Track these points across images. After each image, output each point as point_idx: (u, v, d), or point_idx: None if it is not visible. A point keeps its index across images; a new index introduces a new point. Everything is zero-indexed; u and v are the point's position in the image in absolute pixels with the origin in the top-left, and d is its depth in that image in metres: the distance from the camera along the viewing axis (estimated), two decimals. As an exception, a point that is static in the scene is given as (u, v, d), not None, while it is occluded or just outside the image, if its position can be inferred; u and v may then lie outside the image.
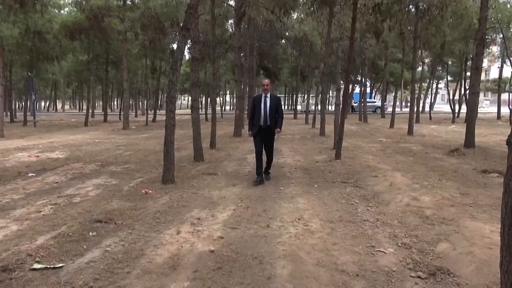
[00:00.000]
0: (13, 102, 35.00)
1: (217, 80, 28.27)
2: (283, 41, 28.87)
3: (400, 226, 4.57)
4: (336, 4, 15.02)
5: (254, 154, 7.03)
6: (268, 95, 6.89)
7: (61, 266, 3.50)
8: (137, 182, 7.21)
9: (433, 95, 41.79)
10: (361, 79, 31.87)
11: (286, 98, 62.23)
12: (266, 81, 6.97)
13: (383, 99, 36.35)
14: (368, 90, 55.39)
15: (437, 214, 4.87)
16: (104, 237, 4.25)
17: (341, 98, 11.41)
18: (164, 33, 20.23)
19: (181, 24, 7.47)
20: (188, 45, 10.71)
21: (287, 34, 25.01)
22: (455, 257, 3.64)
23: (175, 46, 25.77)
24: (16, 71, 32.57)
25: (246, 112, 16.81)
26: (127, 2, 19.34)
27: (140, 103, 55.91)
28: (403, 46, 20.72)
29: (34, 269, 3.45)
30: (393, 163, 8.85)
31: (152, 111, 32.01)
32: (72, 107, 79.32)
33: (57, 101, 74.20)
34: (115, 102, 71.10)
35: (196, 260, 3.59)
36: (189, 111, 33.91)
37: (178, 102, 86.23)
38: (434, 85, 42.85)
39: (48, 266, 3.50)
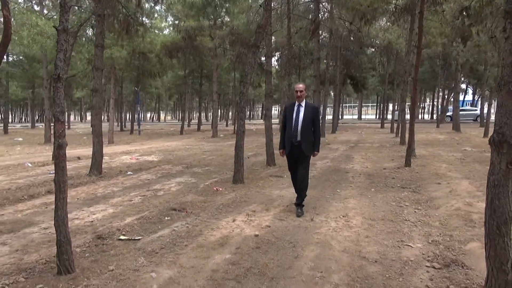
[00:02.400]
0: (123, 113, 39.80)
1: (292, 91, 28.89)
2: (369, 49, 28.52)
3: (439, 227, 4.77)
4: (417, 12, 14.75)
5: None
6: (303, 104, 5.46)
7: (139, 239, 4.51)
8: (212, 181, 8.23)
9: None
10: (454, 86, 29.86)
11: (378, 107, 60.34)
12: (300, 86, 5.46)
13: (482, 106, 33.41)
14: (470, 97, 51.31)
15: (483, 219, 4.92)
16: (175, 221, 5.22)
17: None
18: (249, 48, 21.61)
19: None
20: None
21: (371, 42, 24.74)
22: (479, 254, 3.81)
23: (263, 59, 27.28)
24: (127, 86, 37.10)
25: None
26: (217, 21, 21.16)
27: (230, 113, 59.00)
28: (498, 50, 19.18)
29: (120, 239, 4.51)
30: (465, 172, 8.62)
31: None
32: (173, 117, 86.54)
33: (161, 112, 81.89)
34: (210, 113, 75.89)
35: (241, 241, 4.33)
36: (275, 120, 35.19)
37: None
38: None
39: (130, 238, 4.54)
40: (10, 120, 54.49)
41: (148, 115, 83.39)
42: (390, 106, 40.93)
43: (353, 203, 6.06)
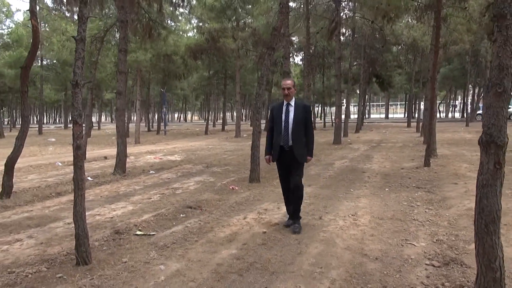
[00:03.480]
0: (150, 114, 40.82)
1: (312, 91, 29.08)
2: (394, 47, 28.09)
3: (447, 227, 4.79)
4: (443, 9, 14.48)
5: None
6: (292, 103, 4.73)
7: (153, 234, 4.78)
8: (229, 180, 8.46)
9: None
10: (485, 83, 28.95)
11: (406, 105, 59.15)
12: (288, 82, 4.74)
13: (517, 104, 32.21)
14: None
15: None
16: (189, 218, 5.47)
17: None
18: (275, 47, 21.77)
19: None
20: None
21: (396, 40, 24.37)
22: (482, 253, 3.85)
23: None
24: (153, 88, 38.05)
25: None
26: (240, 23, 21.44)
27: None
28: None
29: (136, 234, 4.79)
30: (485, 172, 8.47)
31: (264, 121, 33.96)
32: (199, 117, 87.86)
33: (188, 112, 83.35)
34: (235, 113, 76.53)
35: (249, 237, 4.52)
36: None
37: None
38: None
39: (145, 233, 4.81)
40: (44, 121, 56.79)
41: (176, 115, 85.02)
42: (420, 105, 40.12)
43: (364, 202, 6.13)
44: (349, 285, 3.24)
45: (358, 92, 42.82)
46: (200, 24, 23.02)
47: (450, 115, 53.78)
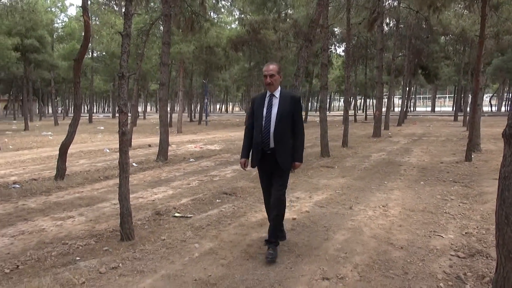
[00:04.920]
0: (192, 104, 41.87)
1: (350, 83, 28.65)
2: (441, 38, 26.98)
3: (479, 221, 4.76)
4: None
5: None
6: (277, 94, 3.73)
7: (190, 216, 5.12)
8: (265, 170, 8.69)
9: None
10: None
11: (455, 98, 56.62)
12: (270, 67, 3.70)
13: None
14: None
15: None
16: (224, 203, 5.77)
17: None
18: (315, 39, 21.68)
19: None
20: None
21: (443, 30, 23.42)
22: None
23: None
24: (196, 79, 38.94)
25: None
26: (281, 14, 21.49)
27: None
28: None
29: (175, 216, 5.15)
30: (531, 168, 8.14)
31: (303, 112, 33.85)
32: (241, 108, 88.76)
33: (230, 103, 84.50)
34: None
35: (279, 223, 4.73)
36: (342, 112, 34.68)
37: (335, 104, 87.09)
38: None
39: (183, 216, 5.16)
40: (94, 110, 59.72)
41: (217, 106, 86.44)
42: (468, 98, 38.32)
43: (397, 194, 6.16)
44: (371, 270, 3.38)
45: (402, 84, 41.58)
46: (242, 16, 23.32)
47: (503, 108, 50.78)
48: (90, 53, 34.82)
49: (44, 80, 37.24)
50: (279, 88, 3.76)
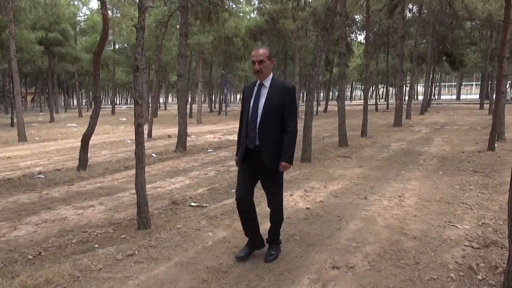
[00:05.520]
0: (212, 95, 42.08)
1: (370, 72, 28.19)
2: (467, 23, 26.10)
3: (497, 211, 4.67)
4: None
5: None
6: (267, 83, 3.28)
7: (206, 206, 5.22)
8: (282, 160, 8.71)
9: None
10: None
11: (482, 86, 54.87)
12: (260, 51, 3.25)
13: None
14: None
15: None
16: (239, 193, 5.84)
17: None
18: (333, 27, 21.35)
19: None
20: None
21: (469, 15, 22.63)
22: (528, 238, 3.76)
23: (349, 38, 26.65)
24: (216, 70, 39.08)
25: (396, 101, 16.46)
26: (300, 2, 21.24)
27: (316, 94, 58.45)
28: None
29: (191, 206, 5.26)
30: (557, 158, 7.90)
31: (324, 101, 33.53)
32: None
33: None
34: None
35: (292, 212, 4.78)
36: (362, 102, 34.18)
37: (357, 93, 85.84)
38: None
39: (199, 205, 5.27)
40: (116, 102, 60.75)
41: (238, 96, 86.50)
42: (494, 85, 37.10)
43: (414, 184, 6.09)
44: (382, 260, 3.39)
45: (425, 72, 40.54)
46: (260, 5, 23.17)
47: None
48: (112, 45, 35.37)
49: (68, 73, 38.14)
50: (271, 76, 3.29)
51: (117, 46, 37.68)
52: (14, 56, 13.90)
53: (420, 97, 45.07)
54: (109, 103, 50.77)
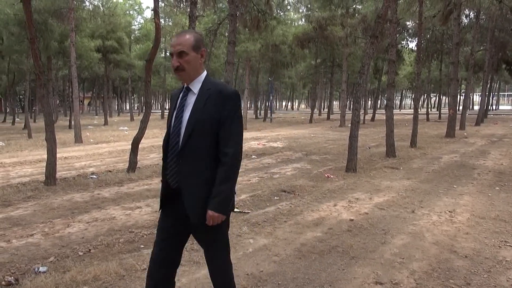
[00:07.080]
0: (258, 102, 42.41)
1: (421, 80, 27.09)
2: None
3: (561, 233, 4.30)
4: None
5: None
6: (196, 88, 2.09)
7: (248, 212, 5.24)
8: (326, 168, 8.60)
9: None
10: None
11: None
12: (181, 38, 2.04)
13: None
14: None
15: None
16: (282, 201, 5.83)
17: None
18: (383, 34, 20.83)
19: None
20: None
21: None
22: None
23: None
24: (262, 77, 39.41)
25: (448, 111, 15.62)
26: (350, 10, 20.95)
27: (363, 102, 57.18)
28: None
29: (234, 211, 5.30)
30: None
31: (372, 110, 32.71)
32: (306, 106, 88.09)
33: (295, 100, 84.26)
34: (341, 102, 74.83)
35: (335, 223, 4.68)
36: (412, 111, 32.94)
37: (407, 101, 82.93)
38: None
39: (241, 211, 5.30)
40: (166, 107, 62.91)
41: (283, 103, 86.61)
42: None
43: (466, 199, 5.76)
44: (429, 278, 3.23)
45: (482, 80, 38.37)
46: (308, 13, 23.11)
47: None
48: (163, 52, 36.73)
49: (122, 79, 40.08)
50: (202, 76, 2.12)
51: (168, 54, 39.12)
52: (74, 62, 14.84)
53: (476, 107, 42.71)
54: (159, 108, 52.69)
